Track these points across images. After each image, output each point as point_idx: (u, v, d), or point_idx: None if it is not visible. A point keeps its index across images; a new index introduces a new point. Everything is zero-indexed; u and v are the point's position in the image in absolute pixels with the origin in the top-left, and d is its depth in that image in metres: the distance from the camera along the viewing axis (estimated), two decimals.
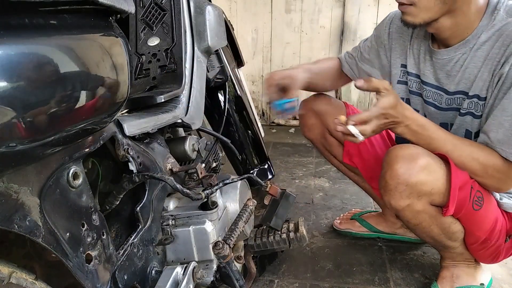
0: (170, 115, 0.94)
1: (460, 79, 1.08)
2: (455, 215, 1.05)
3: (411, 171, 0.98)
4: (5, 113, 0.41)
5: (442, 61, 1.11)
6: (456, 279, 1.23)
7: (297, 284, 1.31)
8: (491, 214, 1.09)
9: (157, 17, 1.09)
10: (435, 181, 0.99)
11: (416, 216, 1.06)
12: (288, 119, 3.00)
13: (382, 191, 1.06)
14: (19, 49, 0.43)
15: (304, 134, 1.47)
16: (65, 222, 0.59)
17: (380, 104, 0.97)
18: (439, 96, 1.14)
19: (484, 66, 1.02)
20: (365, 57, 1.33)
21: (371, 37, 1.34)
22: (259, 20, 2.82)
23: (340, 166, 1.48)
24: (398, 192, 1.01)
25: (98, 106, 0.56)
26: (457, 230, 1.10)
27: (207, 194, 0.87)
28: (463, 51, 1.06)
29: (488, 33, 1.01)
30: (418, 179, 0.98)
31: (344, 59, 1.40)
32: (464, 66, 1.06)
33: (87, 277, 0.62)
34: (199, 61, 1.14)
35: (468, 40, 1.04)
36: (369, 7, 2.64)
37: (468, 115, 1.07)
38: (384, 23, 1.29)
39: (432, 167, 0.99)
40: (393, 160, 1.01)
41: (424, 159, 0.99)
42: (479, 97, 1.04)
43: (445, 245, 1.16)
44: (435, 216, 1.05)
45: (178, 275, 0.82)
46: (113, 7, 0.58)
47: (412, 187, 0.99)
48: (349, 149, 1.37)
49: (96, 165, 0.78)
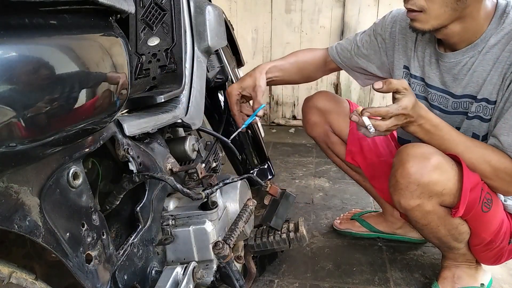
0: (170, 115, 0.94)
1: (467, 83, 1.07)
2: (464, 216, 1.04)
3: (423, 170, 0.97)
4: (5, 113, 0.41)
5: (449, 64, 1.10)
6: (457, 279, 1.23)
7: (297, 284, 1.31)
8: (498, 216, 1.08)
9: (157, 17, 1.09)
10: (446, 182, 0.98)
11: (425, 217, 1.05)
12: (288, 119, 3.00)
13: (391, 190, 1.05)
14: (19, 49, 0.43)
15: (307, 131, 1.47)
16: (65, 222, 0.59)
17: (402, 104, 0.95)
18: (445, 99, 1.13)
19: (494, 70, 1.01)
20: (362, 52, 1.30)
21: (369, 31, 1.31)
22: (259, 20, 2.82)
23: (341, 165, 1.48)
24: (409, 192, 1.00)
25: (98, 106, 0.56)
26: (464, 231, 1.10)
27: (207, 194, 0.87)
28: (471, 54, 1.05)
29: (497, 37, 1.01)
30: (431, 178, 0.97)
31: (335, 51, 1.36)
32: (472, 70, 1.05)
33: (87, 277, 0.62)
34: (199, 61, 1.14)
35: (476, 43, 1.03)
36: (369, 7, 2.64)
37: (476, 119, 1.07)
38: (386, 21, 1.26)
39: (444, 167, 0.98)
40: (405, 159, 1.00)
41: (436, 159, 0.98)
42: (488, 101, 1.03)
43: (450, 246, 1.16)
44: (444, 217, 1.05)
45: (178, 275, 0.82)
46: (113, 7, 0.58)
47: (424, 187, 0.98)
48: (352, 148, 1.37)
49: (96, 165, 0.78)
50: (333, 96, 1.42)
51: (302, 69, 1.37)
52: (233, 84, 1.26)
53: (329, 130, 1.40)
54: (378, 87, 0.97)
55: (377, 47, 1.29)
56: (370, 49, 1.30)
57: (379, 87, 0.97)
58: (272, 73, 1.30)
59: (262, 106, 1.20)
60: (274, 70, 1.31)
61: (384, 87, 0.96)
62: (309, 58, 1.38)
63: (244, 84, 1.24)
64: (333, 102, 1.39)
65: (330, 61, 1.38)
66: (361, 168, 1.39)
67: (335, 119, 1.38)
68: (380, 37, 1.27)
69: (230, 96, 1.24)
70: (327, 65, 1.40)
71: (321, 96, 1.40)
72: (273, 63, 1.33)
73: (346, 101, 1.43)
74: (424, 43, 1.17)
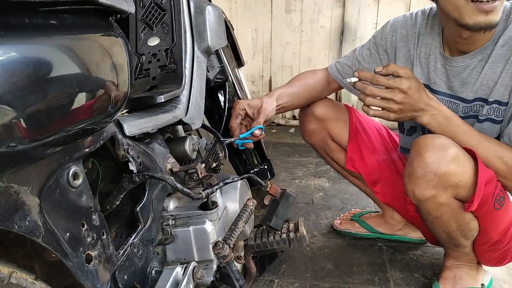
0: (170, 115, 0.94)
1: (478, 86, 1.06)
2: (476, 212, 1.03)
3: (441, 160, 0.96)
4: (5, 113, 0.41)
5: (457, 68, 1.09)
6: (458, 280, 1.23)
7: (297, 284, 1.31)
8: (508, 215, 1.08)
9: (157, 17, 1.09)
10: (463, 174, 0.97)
11: (438, 208, 1.04)
12: (288, 119, 3.00)
13: (406, 179, 1.03)
14: (19, 49, 0.43)
15: (305, 139, 1.46)
16: (65, 222, 0.59)
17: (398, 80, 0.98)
18: (454, 105, 1.12)
19: (505, 72, 1.01)
20: (364, 66, 1.30)
21: (368, 45, 1.31)
22: (259, 20, 2.82)
23: (341, 171, 1.48)
24: (426, 181, 0.99)
25: (98, 106, 0.56)
26: (474, 228, 1.09)
27: (208, 194, 0.87)
28: (480, 57, 1.04)
29: (505, 37, 1.01)
30: (448, 169, 0.96)
31: (335, 69, 1.36)
32: (483, 73, 1.05)
33: (87, 277, 0.62)
34: (199, 61, 1.14)
35: (486, 46, 1.03)
36: (369, 7, 2.64)
37: (487, 122, 1.06)
38: (385, 31, 1.26)
39: (461, 159, 0.97)
40: (423, 148, 0.99)
41: (454, 150, 0.97)
42: (500, 103, 1.03)
43: (457, 243, 1.15)
44: (456, 210, 1.04)
45: (178, 275, 0.82)
46: (113, 7, 0.58)
47: (441, 177, 0.97)
48: (352, 155, 1.36)
49: (96, 165, 0.78)
50: (331, 103, 1.41)
51: (308, 91, 1.36)
52: (241, 100, 1.28)
53: (328, 137, 1.40)
54: (379, 70, 1.00)
55: (378, 60, 1.28)
56: (372, 62, 1.29)
57: (379, 70, 1.00)
58: (281, 99, 1.30)
59: (260, 127, 1.20)
60: (283, 97, 1.31)
61: (383, 70, 0.99)
62: (313, 80, 1.38)
63: (251, 103, 1.25)
64: (331, 109, 1.38)
65: (332, 80, 1.38)
66: (361, 175, 1.38)
67: (333, 126, 1.38)
68: (381, 48, 1.27)
69: (234, 109, 1.24)
70: (330, 85, 1.39)
71: (319, 103, 1.38)
72: (280, 90, 1.33)
73: (344, 106, 1.42)
74: (427, 49, 1.16)
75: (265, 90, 2.95)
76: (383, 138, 1.42)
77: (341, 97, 2.85)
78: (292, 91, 1.34)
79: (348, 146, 1.37)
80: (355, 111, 1.41)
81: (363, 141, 1.36)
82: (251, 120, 1.25)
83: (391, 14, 1.38)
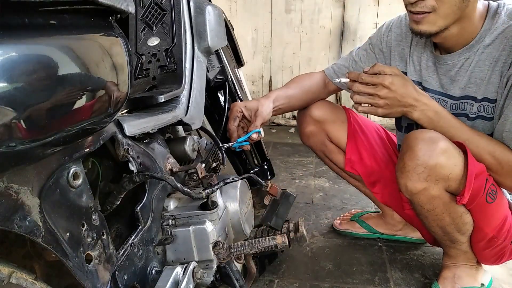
0: (170, 115, 0.94)
1: (466, 84, 1.08)
2: (468, 205, 1.04)
3: (431, 153, 0.98)
4: (5, 113, 0.41)
5: (446, 66, 1.11)
6: (458, 280, 1.23)
7: (297, 284, 1.31)
8: (502, 211, 1.09)
9: (157, 17, 1.09)
10: (453, 166, 0.99)
11: (431, 201, 1.05)
12: (288, 119, 3.00)
13: (398, 174, 1.05)
14: (19, 49, 0.43)
15: (303, 141, 1.46)
16: (65, 222, 0.59)
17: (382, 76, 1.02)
18: (443, 102, 1.14)
19: (492, 70, 1.03)
20: (360, 66, 1.31)
21: (365, 46, 1.33)
22: (259, 20, 2.82)
23: (340, 173, 1.48)
24: (416, 174, 1.00)
25: (98, 106, 0.56)
26: (468, 222, 1.10)
27: (208, 194, 0.87)
28: (467, 55, 1.06)
29: (491, 37, 1.02)
30: (438, 161, 0.98)
31: (332, 71, 1.38)
32: (470, 71, 1.06)
33: (87, 277, 0.62)
34: (199, 61, 1.14)
35: (472, 44, 1.05)
36: (369, 7, 2.64)
37: (479, 119, 1.08)
38: (381, 32, 1.29)
39: (451, 152, 0.99)
40: (413, 142, 1.01)
41: (444, 143, 0.99)
42: (489, 100, 1.05)
43: (453, 238, 1.15)
44: (449, 203, 1.05)
45: (178, 275, 0.82)
46: (113, 7, 0.58)
47: (431, 169, 0.99)
48: (351, 157, 1.37)
49: (96, 165, 0.78)
50: (329, 104, 1.41)
51: (305, 93, 1.37)
52: (238, 102, 1.28)
53: (326, 139, 1.40)
54: (366, 69, 1.05)
55: (375, 59, 1.30)
56: (368, 62, 1.30)
57: (367, 69, 1.04)
58: (278, 101, 1.31)
59: (257, 130, 1.20)
60: (280, 98, 1.32)
61: (370, 70, 1.04)
62: (310, 82, 1.39)
63: (248, 105, 1.25)
64: (329, 111, 1.38)
65: (329, 82, 1.39)
66: (361, 176, 1.39)
67: (331, 127, 1.38)
68: (377, 47, 1.29)
69: (231, 111, 1.24)
70: (326, 87, 1.41)
71: (316, 105, 1.38)
72: (277, 92, 1.34)
73: (342, 108, 1.43)
74: (420, 48, 1.18)
75: (265, 90, 2.95)
76: (382, 138, 1.42)
77: (341, 97, 2.85)
78: (289, 93, 1.34)
79: (347, 148, 1.37)
80: (353, 112, 1.41)
81: (361, 142, 1.37)
82: (249, 122, 1.25)
83: (391, 14, 1.39)
